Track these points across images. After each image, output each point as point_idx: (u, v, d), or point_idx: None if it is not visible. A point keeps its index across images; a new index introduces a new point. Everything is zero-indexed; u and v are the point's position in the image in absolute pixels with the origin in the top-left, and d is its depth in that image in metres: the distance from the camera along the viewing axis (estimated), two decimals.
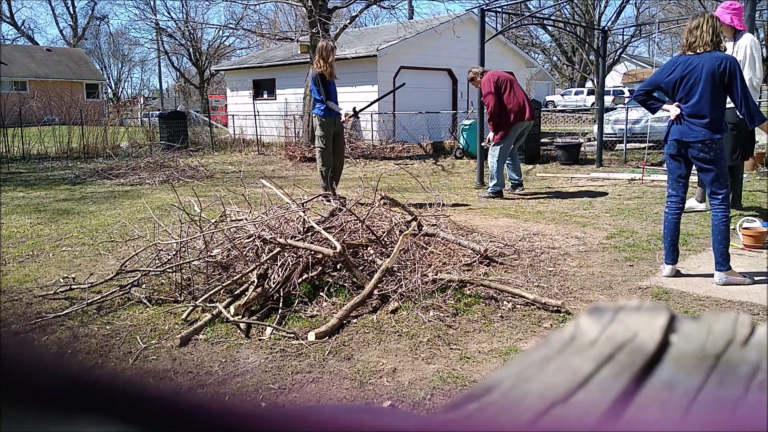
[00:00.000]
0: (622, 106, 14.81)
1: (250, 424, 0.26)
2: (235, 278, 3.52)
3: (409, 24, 14.35)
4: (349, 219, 4.10)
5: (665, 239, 3.82)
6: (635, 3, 28.92)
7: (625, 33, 14.51)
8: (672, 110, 3.60)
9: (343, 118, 6.42)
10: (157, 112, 18.07)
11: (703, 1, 10.02)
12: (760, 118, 3.66)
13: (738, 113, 3.75)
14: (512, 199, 7.03)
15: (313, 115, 6.47)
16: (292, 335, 2.93)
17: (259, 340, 2.94)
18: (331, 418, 0.33)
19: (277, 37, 19.10)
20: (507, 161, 7.10)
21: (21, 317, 3.29)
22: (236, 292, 3.44)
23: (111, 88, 47.27)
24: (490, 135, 6.95)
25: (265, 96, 18.91)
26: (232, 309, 3.12)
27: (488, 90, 6.79)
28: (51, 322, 3.21)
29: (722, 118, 3.60)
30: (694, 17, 3.68)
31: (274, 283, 3.42)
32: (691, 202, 5.51)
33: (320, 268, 3.63)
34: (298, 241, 3.67)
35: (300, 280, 3.48)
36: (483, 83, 6.93)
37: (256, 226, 3.87)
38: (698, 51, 3.54)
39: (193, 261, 3.75)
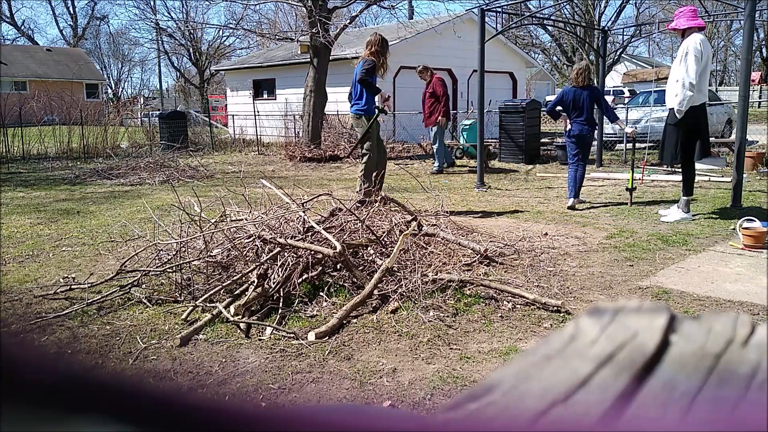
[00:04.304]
0: (622, 106, 14.81)
1: (250, 424, 0.26)
2: (235, 278, 3.52)
3: (409, 24, 14.34)
4: (349, 219, 4.10)
5: (569, 184, 6.43)
6: (635, 3, 28.93)
7: (625, 33, 14.50)
8: (567, 122, 6.45)
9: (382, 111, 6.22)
10: (157, 112, 18.07)
11: (703, 1, 10.01)
12: (615, 118, 6.58)
13: (612, 120, 6.56)
14: (512, 198, 7.02)
15: (357, 115, 6.19)
16: (292, 335, 2.93)
17: (259, 340, 2.94)
18: (330, 418, 0.33)
19: (277, 37, 19.11)
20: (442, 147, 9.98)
21: (21, 317, 3.29)
22: (236, 292, 3.44)
23: (111, 88, 47.29)
24: (440, 118, 9.88)
25: (265, 96, 18.91)
26: (232, 309, 3.12)
27: (444, 90, 10.12)
28: (51, 322, 3.21)
29: (594, 123, 6.56)
30: (580, 62, 6.66)
31: (274, 283, 3.42)
32: (673, 213, 5.64)
33: (320, 268, 3.63)
34: (298, 241, 3.67)
35: (300, 280, 3.48)
36: (436, 83, 10.11)
37: (256, 226, 3.87)
38: (582, 85, 6.33)
39: (193, 261, 3.75)
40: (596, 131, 7.48)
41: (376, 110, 6.14)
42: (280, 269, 3.51)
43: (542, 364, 0.34)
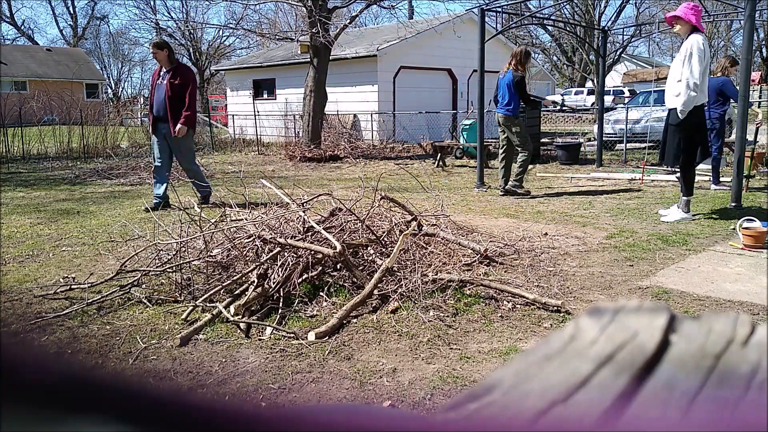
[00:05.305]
0: (622, 105, 14.81)
1: (250, 424, 0.26)
2: (235, 278, 3.52)
3: (409, 24, 14.34)
4: (349, 219, 4.10)
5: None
6: (635, 3, 28.92)
7: (625, 33, 14.51)
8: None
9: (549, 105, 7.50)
10: None
11: (703, 1, 10.01)
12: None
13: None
14: (512, 198, 7.03)
15: (504, 115, 7.18)
16: (292, 335, 2.93)
17: (259, 340, 2.94)
18: (330, 418, 0.33)
19: (277, 37, 19.11)
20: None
21: (21, 317, 3.29)
22: (236, 292, 3.44)
23: (111, 88, 47.29)
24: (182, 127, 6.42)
25: (265, 96, 18.92)
26: (232, 309, 3.12)
27: (193, 84, 6.57)
28: (51, 322, 3.21)
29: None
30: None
31: (274, 283, 3.42)
32: (673, 213, 5.61)
33: (320, 268, 3.63)
34: (298, 241, 3.67)
35: (300, 280, 3.48)
36: (182, 71, 6.55)
37: (256, 226, 3.87)
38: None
39: (193, 261, 3.75)
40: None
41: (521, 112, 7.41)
42: (280, 269, 3.51)
43: (542, 364, 0.34)
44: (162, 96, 6.45)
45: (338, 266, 3.69)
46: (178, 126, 6.38)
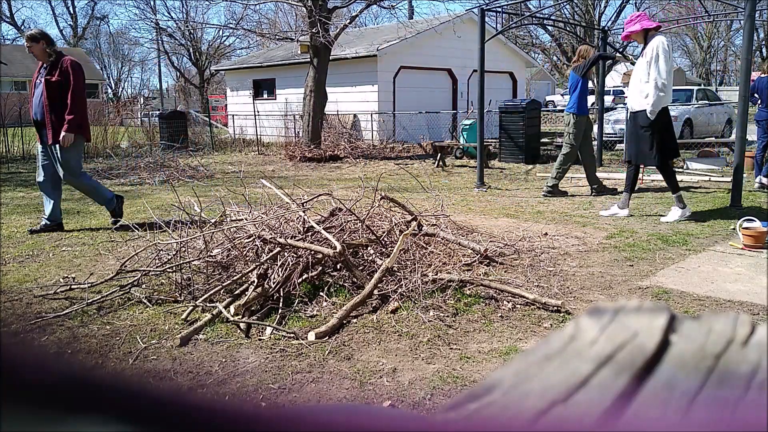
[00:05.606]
0: (622, 105, 14.81)
1: (250, 424, 0.26)
2: (235, 278, 3.52)
3: (409, 24, 14.34)
4: (349, 219, 4.10)
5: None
6: (635, 3, 28.90)
7: None
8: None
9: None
10: (157, 112, 18.08)
11: (703, 1, 10.00)
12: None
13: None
14: (512, 198, 7.03)
15: (572, 113, 7.14)
16: (292, 335, 2.93)
17: (259, 340, 2.94)
18: (330, 418, 0.33)
19: (277, 37, 19.10)
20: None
21: (21, 317, 3.29)
22: (236, 292, 3.44)
23: (111, 88, 47.31)
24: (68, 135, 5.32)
25: (265, 96, 18.92)
26: (232, 309, 3.12)
27: (81, 82, 5.44)
28: (51, 322, 3.21)
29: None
30: None
31: (274, 283, 3.42)
32: (673, 213, 5.62)
33: (320, 268, 3.63)
34: (298, 241, 3.67)
35: (300, 280, 3.48)
36: (78, 72, 5.39)
37: (256, 226, 3.87)
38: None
39: (193, 261, 3.75)
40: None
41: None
42: (280, 269, 3.51)
43: (542, 364, 0.34)
44: (39, 97, 5.36)
45: (338, 266, 3.69)
46: (62, 134, 5.26)
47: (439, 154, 10.58)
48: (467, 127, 11.89)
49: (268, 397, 2.40)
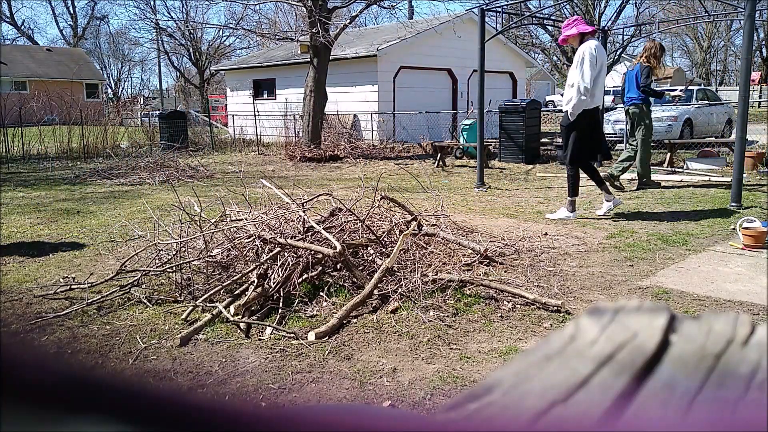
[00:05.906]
0: (621, 106, 14.80)
1: (250, 424, 0.26)
2: (235, 278, 3.52)
3: (409, 24, 14.34)
4: (349, 219, 4.10)
5: None
6: (635, 3, 28.90)
7: (625, 33, 14.51)
8: None
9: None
10: (157, 112, 18.08)
11: (703, 1, 10.01)
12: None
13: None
14: (512, 198, 7.03)
15: (633, 105, 7.23)
16: (292, 335, 2.93)
17: (259, 340, 2.93)
18: (331, 418, 0.33)
19: (277, 37, 19.11)
20: None
21: (21, 317, 3.29)
22: (236, 292, 3.44)
23: (111, 88, 47.32)
24: None
25: (265, 96, 18.92)
26: (232, 309, 3.12)
27: None
28: (51, 322, 3.21)
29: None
30: None
31: (274, 283, 3.42)
32: (560, 212, 5.76)
33: (320, 268, 3.63)
34: (298, 241, 3.67)
35: (300, 280, 3.48)
36: None
37: (256, 226, 3.87)
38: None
39: (193, 261, 3.75)
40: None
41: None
42: (280, 269, 3.51)
43: (542, 364, 0.34)
44: None
45: (338, 266, 3.69)
46: None
47: (439, 154, 10.58)
48: (467, 127, 11.88)
49: (268, 397, 2.40)
